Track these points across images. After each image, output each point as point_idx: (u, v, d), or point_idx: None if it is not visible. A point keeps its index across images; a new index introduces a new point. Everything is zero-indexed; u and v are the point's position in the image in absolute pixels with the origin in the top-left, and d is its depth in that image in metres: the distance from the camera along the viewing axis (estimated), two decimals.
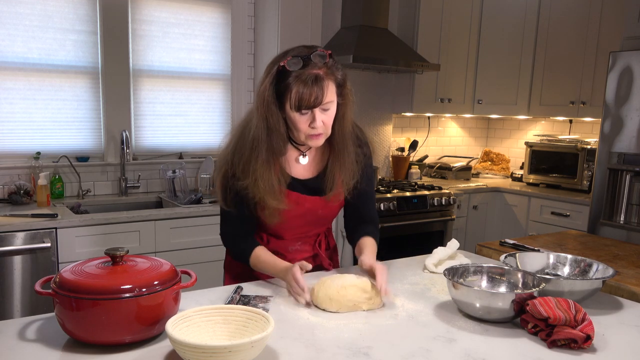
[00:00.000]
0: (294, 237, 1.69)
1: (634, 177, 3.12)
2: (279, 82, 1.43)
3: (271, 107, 1.43)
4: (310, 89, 1.39)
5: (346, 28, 3.70)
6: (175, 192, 3.15)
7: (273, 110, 1.44)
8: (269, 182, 1.48)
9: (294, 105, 1.41)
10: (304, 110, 1.42)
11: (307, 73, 1.40)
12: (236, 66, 3.50)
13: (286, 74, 1.41)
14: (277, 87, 1.43)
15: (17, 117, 2.90)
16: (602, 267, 1.51)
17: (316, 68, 1.41)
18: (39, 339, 1.15)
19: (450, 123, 4.64)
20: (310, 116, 1.44)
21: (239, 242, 1.63)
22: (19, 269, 2.41)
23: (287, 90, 1.41)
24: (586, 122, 4.09)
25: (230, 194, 1.55)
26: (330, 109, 1.46)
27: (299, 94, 1.39)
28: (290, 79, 1.40)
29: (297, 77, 1.39)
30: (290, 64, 1.40)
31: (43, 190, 2.76)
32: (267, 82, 1.43)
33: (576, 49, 3.76)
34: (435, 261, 1.74)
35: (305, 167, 1.61)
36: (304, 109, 1.41)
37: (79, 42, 3.01)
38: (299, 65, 1.40)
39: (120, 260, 1.17)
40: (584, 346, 1.17)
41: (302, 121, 1.44)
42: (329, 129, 1.49)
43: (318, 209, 1.63)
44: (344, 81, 1.48)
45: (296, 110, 1.42)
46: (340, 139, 1.54)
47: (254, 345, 1.01)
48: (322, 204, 1.62)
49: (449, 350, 1.16)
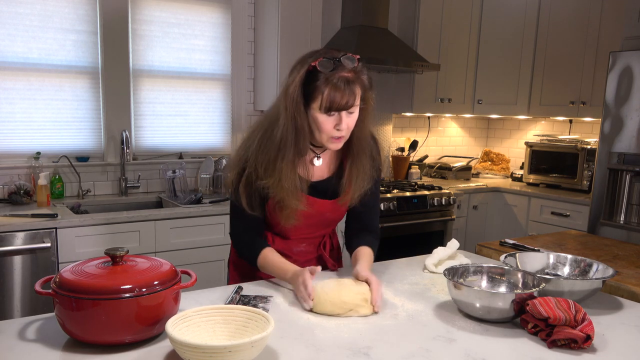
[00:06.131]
0: (300, 238, 1.69)
1: (634, 177, 3.12)
2: (307, 82, 1.43)
3: (299, 107, 1.44)
4: (342, 92, 1.40)
5: (346, 28, 3.70)
6: (175, 192, 3.15)
7: (301, 111, 1.45)
8: (293, 182, 1.49)
9: (324, 107, 1.42)
10: (332, 112, 1.43)
11: (338, 76, 1.41)
12: (236, 66, 3.50)
13: (316, 75, 1.41)
14: (305, 87, 1.44)
15: (17, 117, 2.90)
16: (602, 267, 1.51)
17: (346, 71, 1.42)
18: (39, 339, 1.15)
19: (450, 123, 4.64)
20: (336, 118, 1.45)
21: (249, 242, 1.62)
22: (19, 269, 2.41)
23: (317, 91, 1.42)
24: (586, 122, 4.09)
25: (246, 193, 1.54)
26: (354, 112, 1.47)
27: (330, 96, 1.40)
28: (320, 80, 1.41)
29: (329, 79, 1.40)
30: (322, 65, 1.41)
31: (43, 190, 2.76)
32: (297, 82, 1.43)
33: (576, 49, 3.76)
34: (435, 261, 1.74)
35: (318, 169, 1.62)
36: (333, 111, 1.43)
37: (79, 42, 3.01)
38: (330, 67, 1.41)
39: (120, 260, 1.17)
40: (584, 346, 1.17)
41: (327, 123, 1.45)
42: (349, 133, 1.50)
43: (327, 211, 1.63)
44: (369, 86, 1.49)
45: (325, 112, 1.43)
46: (358, 143, 1.56)
47: (254, 345, 1.01)
48: (331, 207, 1.63)
49: (449, 350, 1.16)
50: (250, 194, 1.54)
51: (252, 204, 1.55)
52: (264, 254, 1.58)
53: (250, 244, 1.61)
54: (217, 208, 2.89)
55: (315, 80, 1.41)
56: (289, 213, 1.55)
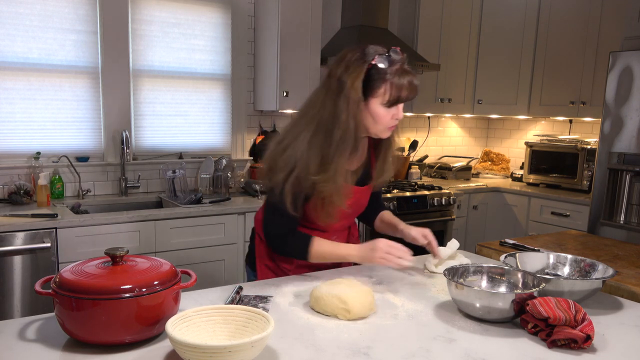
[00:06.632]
0: (336, 229, 1.75)
1: (634, 177, 3.12)
2: (367, 80, 1.49)
3: (360, 104, 1.50)
4: (408, 84, 1.49)
5: (346, 28, 3.70)
6: (175, 192, 3.15)
7: (362, 108, 1.51)
8: (344, 177, 1.55)
9: (390, 101, 1.50)
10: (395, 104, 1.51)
11: (398, 69, 1.48)
12: (236, 66, 3.50)
13: (377, 72, 1.48)
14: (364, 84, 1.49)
15: (17, 117, 2.90)
16: (602, 267, 1.51)
17: (399, 64, 1.49)
18: (39, 339, 1.15)
19: (450, 123, 4.64)
20: (394, 109, 1.53)
21: (294, 238, 1.62)
22: (19, 269, 2.41)
23: (379, 88, 1.48)
24: (586, 122, 4.09)
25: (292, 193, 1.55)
26: None
27: (398, 90, 1.48)
28: (383, 76, 1.47)
29: (392, 74, 1.48)
30: (381, 62, 1.47)
31: (43, 190, 2.76)
32: (358, 81, 1.48)
33: (576, 49, 3.76)
34: (436, 261, 1.74)
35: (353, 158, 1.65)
36: (399, 103, 1.51)
37: (79, 42, 3.01)
38: (387, 63, 1.47)
39: (120, 260, 1.17)
40: (584, 346, 1.17)
41: (386, 115, 1.53)
42: None
43: (362, 198, 1.71)
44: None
45: (391, 105, 1.51)
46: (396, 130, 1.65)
47: (254, 345, 1.01)
48: (365, 193, 1.72)
49: (449, 350, 1.16)
50: (296, 194, 1.55)
51: (295, 204, 1.56)
52: (316, 244, 1.60)
53: (297, 239, 1.62)
54: (217, 208, 2.89)
55: (375, 78, 1.48)
56: (329, 211, 1.59)
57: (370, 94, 1.50)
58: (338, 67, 1.52)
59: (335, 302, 1.31)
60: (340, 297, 1.31)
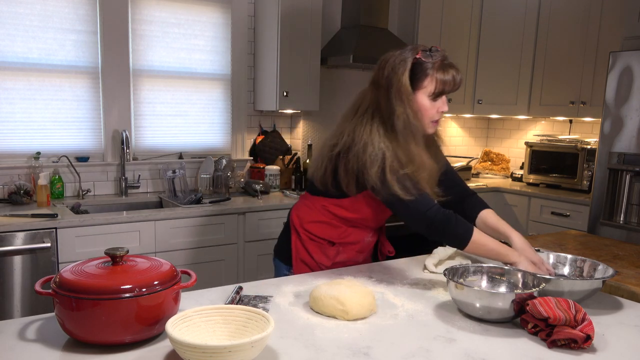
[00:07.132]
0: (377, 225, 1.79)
1: (634, 177, 3.12)
2: (413, 74, 1.56)
3: (410, 97, 1.56)
4: (452, 77, 1.56)
5: (346, 28, 3.70)
6: (175, 192, 3.15)
7: (412, 100, 1.57)
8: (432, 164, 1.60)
9: (438, 92, 1.56)
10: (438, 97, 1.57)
11: (441, 63, 1.55)
12: (236, 66, 3.50)
13: (422, 66, 1.55)
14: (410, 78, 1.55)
15: (17, 117, 2.90)
16: (602, 267, 1.51)
17: (441, 58, 1.56)
18: (39, 339, 1.15)
19: (450, 123, 4.64)
20: (439, 102, 1.59)
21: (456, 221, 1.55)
22: (19, 269, 2.41)
23: (425, 80, 1.55)
24: (586, 122, 4.09)
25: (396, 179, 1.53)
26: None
27: (443, 82, 1.55)
28: (429, 69, 1.55)
29: (437, 67, 1.55)
30: (426, 56, 1.55)
31: (43, 190, 2.76)
32: (406, 75, 1.55)
33: (576, 49, 3.76)
34: (435, 261, 1.75)
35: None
36: (445, 94, 1.58)
37: (79, 42, 3.01)
38: (430, 57, 1.54)
39: (120, 260, 1.17)
40: (584, 346, 1.17)
41: (432, 107, 1.59)
42: None
43: None
44: None
45: (436, 97, 1.57)
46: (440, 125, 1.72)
47: (254, 345, 1.01)
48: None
49: (449, 350, 1.16)
50: (400, 180, 1.53)
51: (405, 187, 1.53)
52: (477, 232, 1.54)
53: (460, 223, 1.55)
54: (217, 208, 2.89)
55: (421, 71, 1.55)
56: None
57: (416, 87, 1.56)
58: (384, 70, 1.58)
59: (334, 303, 1.31)
60: (338, 299, 1.31)
